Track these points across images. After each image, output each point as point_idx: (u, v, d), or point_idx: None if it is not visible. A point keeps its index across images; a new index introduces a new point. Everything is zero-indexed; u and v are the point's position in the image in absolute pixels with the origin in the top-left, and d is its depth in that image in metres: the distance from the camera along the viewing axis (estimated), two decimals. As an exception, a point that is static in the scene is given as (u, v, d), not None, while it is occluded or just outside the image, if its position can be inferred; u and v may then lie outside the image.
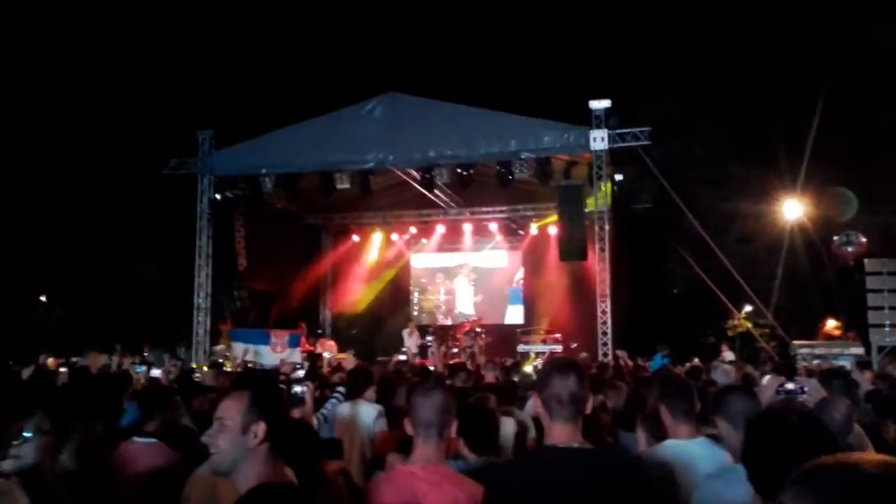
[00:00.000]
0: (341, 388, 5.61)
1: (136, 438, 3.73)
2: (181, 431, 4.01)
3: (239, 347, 16.06)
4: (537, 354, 17.80)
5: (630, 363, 11.94)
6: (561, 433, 2.46)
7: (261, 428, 2.23)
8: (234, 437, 2.22)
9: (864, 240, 16.19)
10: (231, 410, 2.27)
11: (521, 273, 21.61)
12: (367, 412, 5.05)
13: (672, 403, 3.41)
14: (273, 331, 16.76)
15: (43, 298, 23.16)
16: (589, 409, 2.56)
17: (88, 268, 20.96)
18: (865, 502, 1.07)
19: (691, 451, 3.13)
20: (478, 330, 18.93)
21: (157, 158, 16.94)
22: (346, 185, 16.25)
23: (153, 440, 3.70)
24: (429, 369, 8.63)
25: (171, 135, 18.16)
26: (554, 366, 2.66)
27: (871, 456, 1.16)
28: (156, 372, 8.48)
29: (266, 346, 16.29)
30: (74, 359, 14.66)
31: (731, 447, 2.94)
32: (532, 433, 5.11)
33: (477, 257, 21.90)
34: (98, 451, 3.61)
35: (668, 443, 3.36)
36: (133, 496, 3.41)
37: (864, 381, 7.42)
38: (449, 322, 21.56)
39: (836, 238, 16.65)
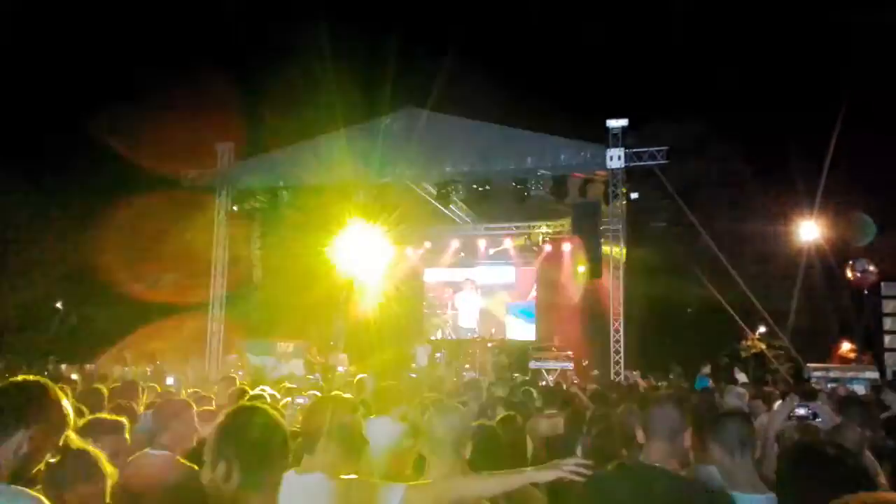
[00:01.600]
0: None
1: (149, 451, 3.75)
2: (196, 444, 4.03)
3: (250, 360, 16.12)
4: (548, 371, 17.75)
5: (642, 383, 11.90)
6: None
7: (221, 467, 2.09)
8: (208, 474, 2.11)
9: (876, 269, 16.16)
10: (207, 444, 2.21)
11: (534, 289, 21.57)
12: (394, 429, 5.02)
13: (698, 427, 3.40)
14: (280, 342, 16.78)
15: (59, 305, 23.38)
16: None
17: (104, 276, 21.11)
18: None
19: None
20: (489, 345, 18.89)
21: (177, 169, 17.10)
22: (363, 200, 16.34)
23: (166, 452, 3.72)
24: (441, 386, 8.62)
25: (191, 147, 18.34)
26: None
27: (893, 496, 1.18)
28: (170, 381, 8.56)
29: (272, 357, 16.33)
30: (88, 366, 14.80)
31: (725, 472, 2.93)
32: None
33: (490, 273, 21.88)
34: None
35: (703, 468, 3.35)
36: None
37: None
38: (457, 336, 21.53)
39: (852, 264, 16.57)
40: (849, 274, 16.76)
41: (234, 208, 16.99)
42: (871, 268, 16.26)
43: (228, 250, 17.11)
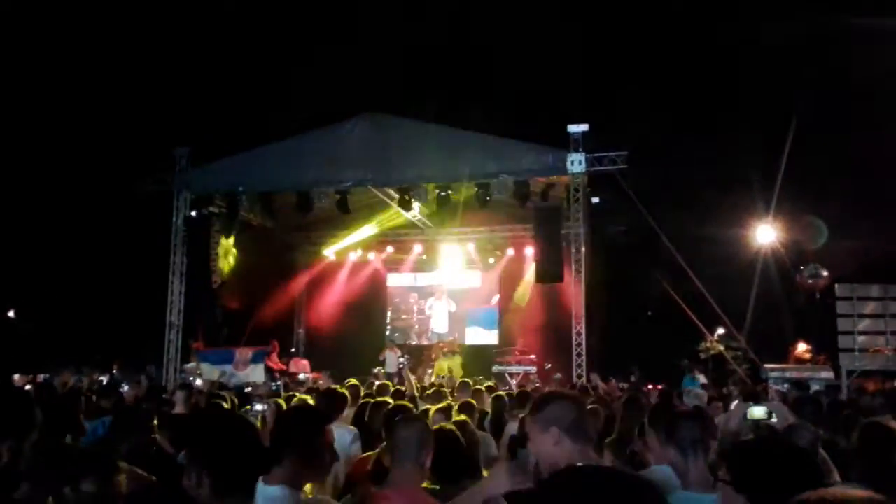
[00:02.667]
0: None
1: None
2: (154, 454, 3.95)
3: (208, 369, 15.83)
4: (511, 375, 17.81)
5: (603, 385, 11.98)
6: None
7: (192, 474, 2.12)
8: (186, 481, 2.14)
9: (826, 274, 16.54)
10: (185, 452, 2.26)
11: (496, 293, 21.62)
12: (342, 435, 4.99)
13: (660, 427, 3.42)
14: (238, 349, 16.48)
15: (11, 314, 22.77)
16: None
17: (60, 284, 20.64)
18: None
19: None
20: (456, 350, 18.88)
21: (134, 175, 16.80)
22: (324, 204, 16.21)
23: (124, 464, 3.62)
24: (402, 392, 8.57)
25: (147, 152, 18.04)
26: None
27: (854, 493, 1.23)
28: (125, 389, 8.37)
29: (230, 364, 16.03)
30: (42, 376, 14.43)
31: (679, 472, 2.95)
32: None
33: (453, 277, 21.89)
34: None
35: (658, 468, 3.37)
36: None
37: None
38: (423, 342, 21.50)
39: (803, 270, 16.94)
40: (800, 279, 17.13)
41: (192, 213, 16.72)
42: (823, 272, 16.65)
43: (186, 256, 16.83)
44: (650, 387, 13.88)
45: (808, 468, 2.12)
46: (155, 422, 4.93)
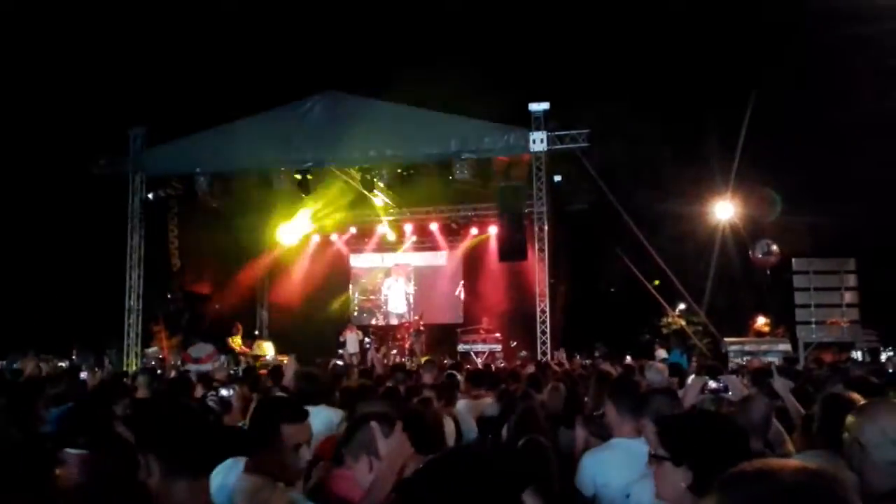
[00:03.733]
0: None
1: (67, 450, 3.56)
2: (114, 441, 3.85)
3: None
4: (476, 354, 17.90)
5: (565, 363, 12.07)
6: None
7: (142, 461, 2.08)
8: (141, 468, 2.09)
9: (778, 250, 16.87)
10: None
11: (460, 273, 21.66)
12: (330, 417, 4.91)
13: (620, 402, 3.46)
14: (207, 360, 16.26)
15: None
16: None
17: (14, 269, 20.15)
18: None
19: (636, 448, 3.16)
20: (420, 329, 18.91)
21: (87, 156, 16.38)
22: (284, 185, 16.00)
23: (83, 451, 3.53)
24: (371, 372, 8.55)
25: (101, 132, 17.57)
26: None
27: (788, 463, 1.24)
28: (84, 376, 8.21)
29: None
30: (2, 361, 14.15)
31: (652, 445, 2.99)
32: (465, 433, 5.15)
33: (416, 257, 21.87)
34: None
35: (615, 441, 3.41)
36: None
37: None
38: (387, 322, 21.49)
39: (756, 246, 17.25)
40: (752, 256, 17.45)
41: (149, 196, 16.39)
42: (774, 248, 16.97)
43: (143, 240, 16.52)
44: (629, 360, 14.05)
45: (739, 440, 2.17)
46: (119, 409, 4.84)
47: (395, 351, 18.43)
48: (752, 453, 2.35)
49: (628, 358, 13.86)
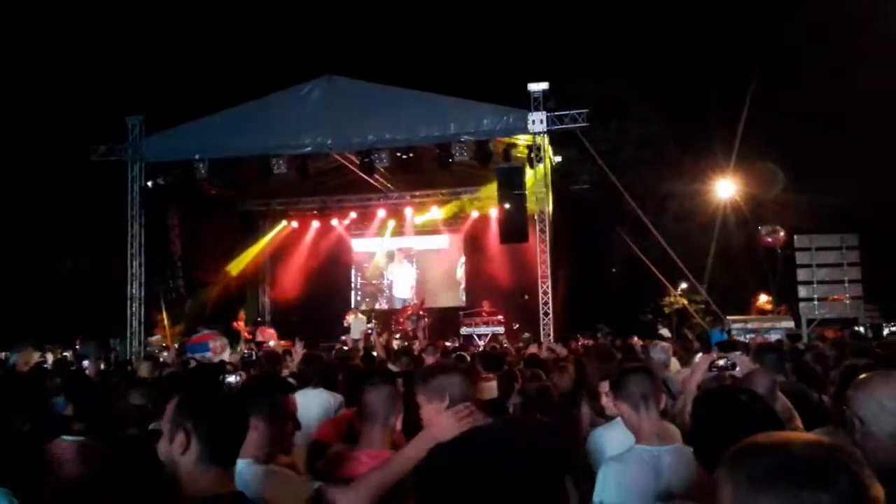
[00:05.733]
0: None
1: (64, 437, 3.56)
2: (114, 428, 3.85)
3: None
4: (479, 337, 17.92)
5: (563, 351, 12.03)
6: None
7: (179, 438, 2.06)
8: (165, 446, 2.09)
9: (783, 232, 16.88)
10: (165, 417, 2.16)
11: (462, 255, 21.64)
12: (327, 401, 4.92)
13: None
14: (211, 340, 16.26)
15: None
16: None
17: (15, 260, 20.16)
18: (792, 481, 1.12)
19: None
20: (420, 313, 18.91)
21: (86, 145, 16.32)
22: (284, 170, 15.94)
23: (81, 438, 3.54)
24: (373, 356, 8.55)
25: (99, 120, 17.51)
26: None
27: (802, 436, 1.24)
28: (85, 364, 8.23)
29: (208, 352, 15.82)
30: (3, 353, 14.15)
31: (631, 427, 2.97)
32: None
33: (417, 241, 21.84)
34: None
35: (620, 419, 3.39)
36: (63, 499, 3.26)
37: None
38: (391, 306, 21.50)
39: (761, 229, 17.25)
40: (760, 238, 17.45)
41: (149, 184, 16.35)
42: (780, 231, 16.97)
43: (144, 228, 16.49)
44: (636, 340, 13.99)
45: (759, 412, 2.15)
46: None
47: (397, 335, 18.45)
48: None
49: (635, 338, 13.82)
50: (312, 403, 4.79)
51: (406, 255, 22.00)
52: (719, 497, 1.19)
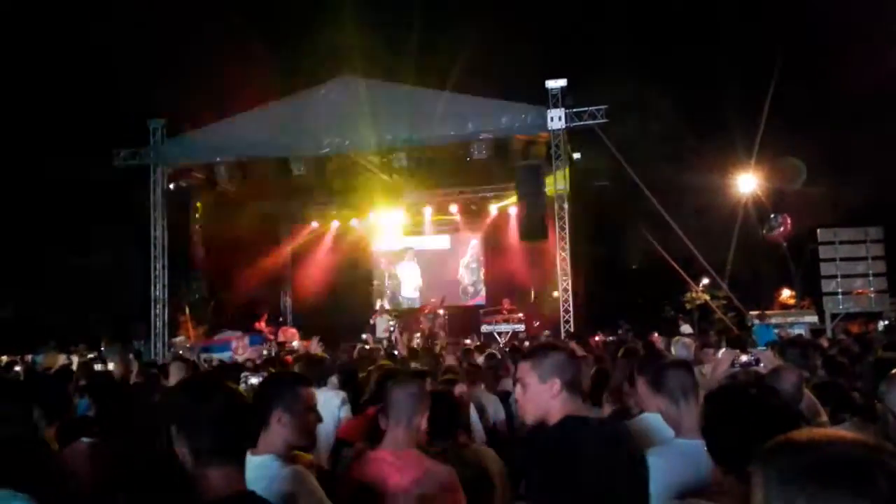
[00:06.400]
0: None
1: (83, 439, 3.59)
2: (135, 428, 3.89)
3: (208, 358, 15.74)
4: (499, 334, 17.90)
5: (601, 340, 12.02)
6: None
7: (181, 439, 2.03)
8: (179, 448, 2.04)
9: (788, 220, 16.65)
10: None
11: (481, 254, 21.63)
12: (331, 399, 4.98)
13: (649, 375, 3.43)
14: (233, 339, 16.38)
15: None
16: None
17: (39, 263, 20.41)
18: (826, 482, 1.07)
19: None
20: (439, 312, 18.94)
21: (108, 148, 16.51)
22: (303, 171, 16.04)
23: (95, 440, 3.55)
24: (394, 355, 8.59)
25: (120, 125, 17.71)
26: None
27: (838, 434, 1.18)
28: (111, 367, 8.31)
29: (229, 352, 15.96)
30: (29, 356, 14.36)
31: (668, 421, 2.97)
32: (490, 413, 5.17)
33: (437, 240, 21.85)
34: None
35: (649, 415, 3.38)
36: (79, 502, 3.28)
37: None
38: (399, 306, 21.52)
39: (765, 221, 17.06)
40: (764, 233, 17.25)
41: (171, 186, 16.51)
42: (783, 222, 16.77)
43: (167, 230, 16.66)
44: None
45: (777, 409, 2.14)
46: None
47: (418, 334, 18.47)
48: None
49: (656, 334, 13.73)
50: (327, 401, 4.87)
51: (421, 255, 21.92)
52: (752, 494, 1.16)
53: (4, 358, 13.81)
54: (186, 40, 22.47)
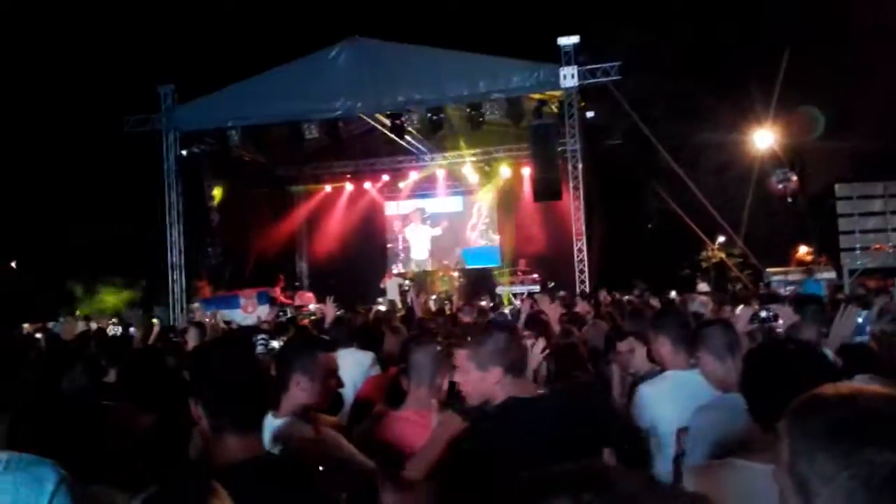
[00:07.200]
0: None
1: (105, 403, 3.63)
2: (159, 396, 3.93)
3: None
4: (515, 295, 17.91)
5: (608, 299, 12.00)
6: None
7: (194, 408, 2.01)
8: (196, 415, 2.02)
9: (795, 178, 16.47)
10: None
11: (495, 215, 21.54)
12: (361, 359, 4.98)
13: (672, 333, 3.42)
14: (241, 292, 16.42)
15: (13, 265, 22.78)
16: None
17: (53, 232, 20.56)
18: (857, 438, 1.06)
19: (694, 379, 3.11)
20: (454, 273, 18.94)
21: (119, 114, 16.49)
22: (315, 135, 15.99)
23: (120, 405, 3.59)
24: (413, 314, 8.62)
25: (131, 91, 17.66)
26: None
27: (868, 388, 1.15)
28: (132, 331, 8.39)
29: (238, 308, 16.00)
30: (50, 324, 14.55)
31: (713, 378, 2.96)
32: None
33: (450, 202, 21.78)
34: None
35: (671, 373, 3.38)
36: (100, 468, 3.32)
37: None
38: (425, 268, 21.55)
39: (773, 176, 16.85)
40: (771, 186, 17.05)
41: (183, 153, 16.51)
42: (792, 176, 16.58)
43: (181, 196, 16.70)
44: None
45: (814, 363, 2.11)
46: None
47: (433, 296, 18.52)
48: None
49: (672, 293, 13.70)
50: (346, 363, 4.85)
51: (433, 217, 21.82)
52: (778, 451, 1.14)
53: (27, 326, 14.02)
54: (195, 4, 22.28)
